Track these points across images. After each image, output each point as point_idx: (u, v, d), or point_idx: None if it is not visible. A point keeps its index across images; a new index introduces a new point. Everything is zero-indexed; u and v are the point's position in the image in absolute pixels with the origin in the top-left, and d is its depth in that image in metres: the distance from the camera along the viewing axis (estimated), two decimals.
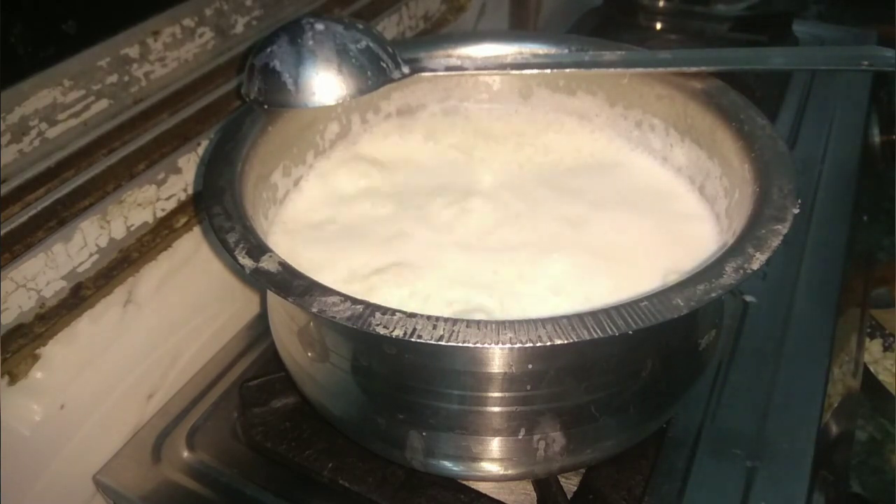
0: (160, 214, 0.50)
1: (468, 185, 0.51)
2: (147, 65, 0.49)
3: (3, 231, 0.41)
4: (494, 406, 0.37)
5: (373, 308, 0.32)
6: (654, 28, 1.00)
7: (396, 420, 0.39)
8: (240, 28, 0.56)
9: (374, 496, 0.45)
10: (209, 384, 0.53)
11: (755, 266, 0.33)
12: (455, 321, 0.31)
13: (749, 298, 0.57)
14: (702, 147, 0.48)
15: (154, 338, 0.51)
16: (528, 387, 0.36)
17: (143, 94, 0.50)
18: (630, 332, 0.31)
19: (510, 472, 0.40)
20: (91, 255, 0.46)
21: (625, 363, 0.38)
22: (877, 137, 0.87)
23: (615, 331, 0.31)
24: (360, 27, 0.45)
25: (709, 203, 0.47)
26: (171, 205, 0.51)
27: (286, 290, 0.33)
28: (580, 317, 0.31)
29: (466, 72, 0.51)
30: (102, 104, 0.47)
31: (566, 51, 0.51)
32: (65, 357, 0.44)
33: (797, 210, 0.36)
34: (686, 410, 0.49)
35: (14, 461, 0.43)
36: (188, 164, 0.51)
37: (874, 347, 0.93)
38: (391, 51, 0.46)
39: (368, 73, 0.44)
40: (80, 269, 0.45)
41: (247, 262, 0.35)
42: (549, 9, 0.96)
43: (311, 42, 0.43)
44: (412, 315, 0.32)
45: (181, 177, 0.51)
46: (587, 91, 0.54)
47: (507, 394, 0.36)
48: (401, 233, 0.47)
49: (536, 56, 0.51)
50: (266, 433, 0.49)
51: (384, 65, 0.45)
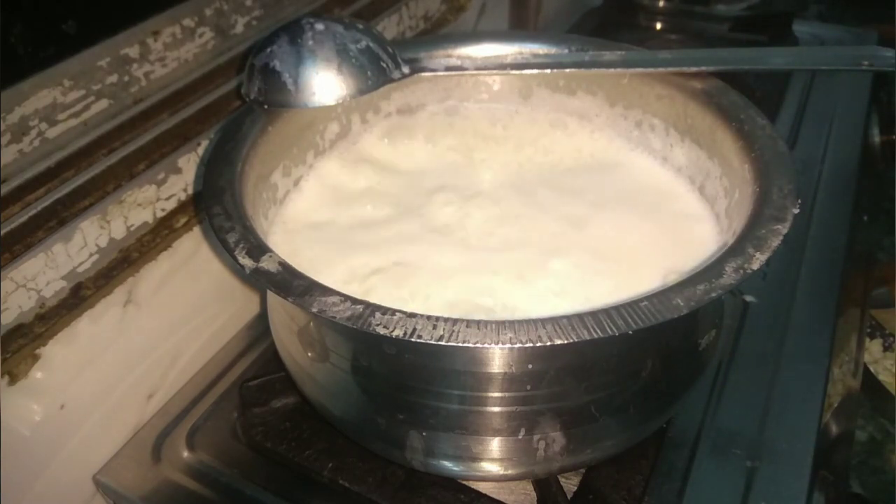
0: (160, 214, 0.50)
1: (468, 186, 0.51)
2: (147, 65, 0.49)
3: (3, 231, 0.41)
4: (494, 406, 0.37)
5: (373, 308, 0.32)
6: (654, 28, 1.00)
7: (396, 420, 0.39)
8: (240, 28, 0.56)
9: (374, 496, 0.45)
10: (209, 384, 0.53)
11: (755, 266, 0.33)
12: (455, 321, 0.31)
13: (749, 298, 0.57)
14: (702, 147, 0.48)
15: (154, 338, 0.51)
16: (528, 387, 0.36)
17: (143, 94, 0.50)
18: (630, 332, 0.31)
19: (510, 472, 0.40)
20: (91, 255, 0.46)
21: (625, 363, 0.38)
22: (877, 137, 0.87)
23: (615, 331, 0.31)
24: (360, 27, 0.45)
25: (709, 203, 0.47)
26: (171, 205, 0.51)
27: (286, 290, 0.33)
28: (580, 317, 0.31)
29: (466, 72, 0.50)
30: (102, 104, 0.47)
31: (566, 51, 0.51)
32: (65, 357, 0.44)
33: (797, 210, 0.36)
34: (686, 410, 0.49)
35: (14, 461, 0.43)
36: (188, 164, 0.51)
37: (874, 347, 0.92)
38: (391, 51, 0.46)
39: (368, 73, 0.44)
40: (80, 269, 0.45)
41: (247, 262, 0.35)
42: (549, 9, 0.96)
43: (311, 42, 0.43)
44: (412, 315, 0.32)
45: (181, 177, 0.51)
46: (587, 91, 0.54)
47: (507, 394, 0.36)
48: (401, 233, 0.47)
49: (536, 56, 0.51)
50: (266, 433, 0.49)
51: (384, 65, 0.45)
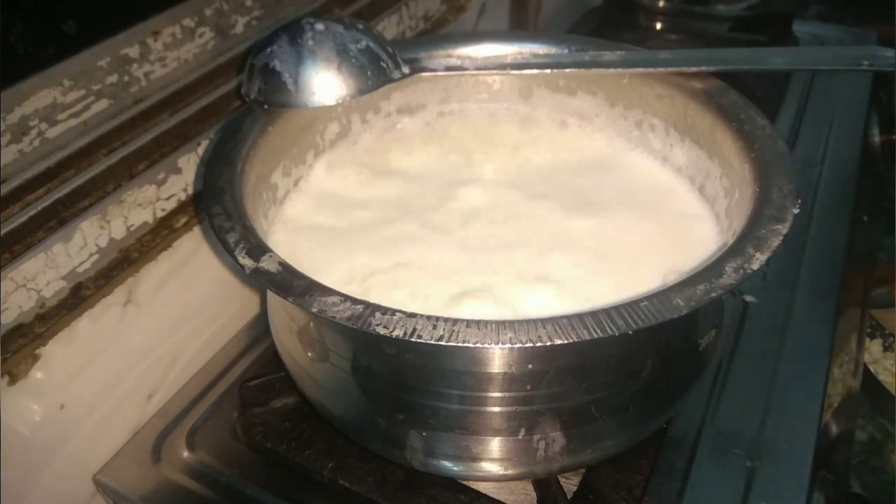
0: (160, 214, 0.50)
1: (468, 186, 0.51)
2: (147, 65, 0.49)
3: (3, 231, 0.41)
4: (494, 406, 0.37)
5: (373, 308, 0.32)
6: (654, 28, 1.00)
7: (396, 420, 0.39)
8: (240, 28, 0.56)
9: (374, 496, 0.45)
10: (209, 384, 0.53)
11: (755, 266, 0.33)
12: (455, 321, 0.31)
13: (749, 298, 0.57)
14: (702, 147, 0.48)
15: (154, 338, 0.51)
16: (528, 387, 0.36)
17: (143, 94, 0.50)
18: (630, 332, 0.31)
19: (510, 472, 0.40)
20: (91, 255, 0.46)
21: (625, 363, 0.38)
22: (877, 137, 0.87)
23: (615, 331, 0.31)
24: (360, 27, 0.45)
25: (709, 203, 0.47)
26: (171, 205, 0.51)
27: (286, 290, 0.33)
28: (580, 317, 0.31)
29: (466, 72, 0.50)
30: (102, 104, 0.47)
31: (566, 51, 0.51)
32: (65, 357, 0.44)
33: (797, 210, 0.36)
34: (686, 410, 0.49)
35: (14, 461, 0.43)
36: (188, 164, 0.51)
37: (874, 347, 0.92)
38: (391, 51, 0.46)
39: (368, 73, 0.44)
40: (80, 269, 0.45)
41: (247, 262, 0.35)
42: (549, 9, 0.96)
43: (311, 42, 0.43)
44: (412, 315, 0.32)
45: (181, 177, 0.51)
46: (587, 91, 0.54)
47: (507, 394, 0.36)
48: (401, 233, 0.47)
49: (536, 56, 0.51)
50: (266, 433, 0.49)
51: (384, 65, 0.45)
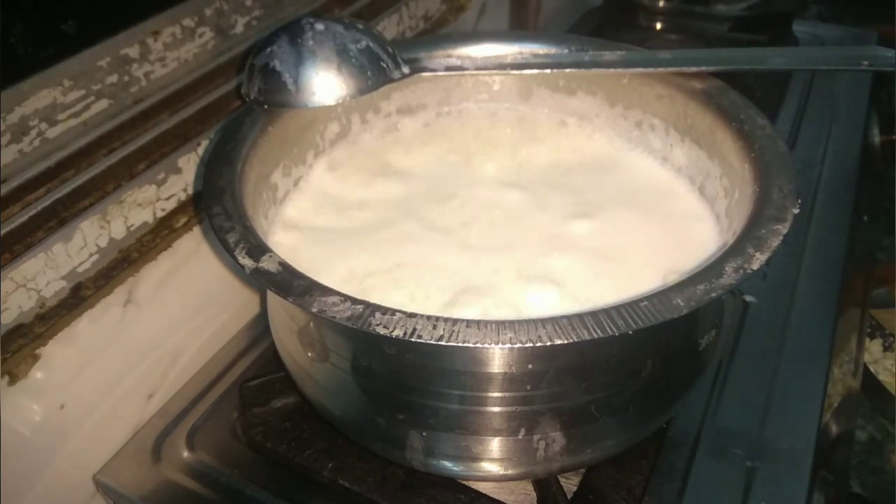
0: (160, 214, 0.50)
1: (468, 186, 0.51)
2: (147, 65, 0.49)
3: (3, 231, 0.41)
4: (494, 406, 0.37)
5: (373, 308, 0.32)
6: (654, 28, 1.00)
7: (396, 420, 0.39)
8: (240, 28, 0.56)
9: (374, 496, 0.45)
10: (209, 384, 0.53)
11: (755, 266, 0.33)
12: (455, 321, 0.31)
13: (749, 298, 0.57)
14: (702, 147, 0.48)
15: (154, 338, 0.51)
16: (528, 387, 0.36)
17: (143, 94, 0.50)
18: (630, 332, 0.31)
19: (510, 472, 0.40)
20: (91, 255, 0.46)
21: (625, 363, 0.38)
22: (877, 137, 0.87)
23: (615, 331, 0.31)
24: (360, 27, 0.45)
25: (709, 203, 0.47)
26: (171, 205, 0.51)
27: (286, 290, 0.33)
28: (580, 317, 0.31)
29: (466, 72, 0.50)
30: (102, 104, 0.47)
31: (566, 51, 0.51)
32: (65, 357, 0.44)
33: (797, 210, 0.36)
34: (686, 410, 0.49)
35: (14, 461, 0.43)
36: (188, 164, 0.51)
37: (874, 347, 0.92)
38: (391, 51, 0.46)
39: (368, 73, 0.44)
40: (80, 269, 0.45)
41: (247, 262, 0.35)
42: (549, 9, 0.96)
43: (311, 42, 0.43)
44: (412, 315, 0.32)
45: (181, 177, 0.51)
46: (587, 91, 0.54)
47: (507, 394, 0.36)
48: (400, 233, 0.47)
49: (536, 56, 0.51)
50: (266, 433, 0.49)
51: (384, 65, 0.45)
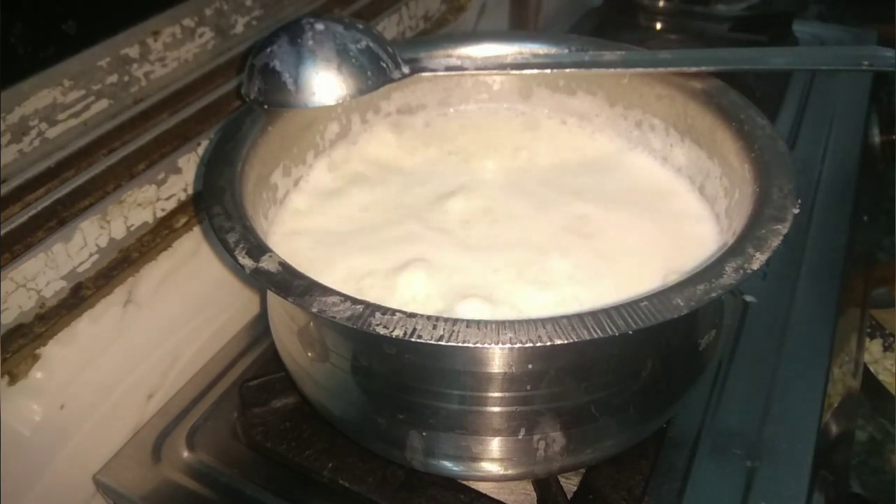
0: (160, 214, 0.50)
1: (468, 186, 0.51)
2: (147, 65, 0.49)
3: (3, 231, 0.41)
4: (494, 406, 0.37)
5: (373, 308, 0.32)
6: (654, 28, 1.00)
7: (396, 420, 0.39)
8: (240, 28, 0.56)
9: (374, 496, 0.45)
10: (209, 384, 0.53)
11: (755, 266, 0.33)
12: (455, 321, 0.31)
13: (749, 298, 0.57)
14: (702, 147, 0.48)
15: (154, 338, 0.51)
16: (528, 387, 0.36)
17: (143, 94, 0.50)
18: (630, 332, 0.31)
19: (510, 472, 0.40)
20: (91, 255, 0.46)
21: (625, 363, 0.38)
22: (877, 137, 0.87)
23: (615, 331, 0.31)
24: (360, 27, 0.45)
25: (709, 203, 0.47)
26: (171, 205, 0.51)
27: (286, 290, 0.33)
28: (580, 317, 0.31)
29: (466, 72, 0.50)
30: (102, 104, 0.47)
31: (566, 51, 0.51)
32: (65, 357, 0.44)
33: (797, 210, 0.36)
34: (686, 410, 0.49)
35: (14, 461, 0.43)
36: (188, 164, 0.51)
37: (874, 347, 0.92)
38: (391, 51, 0.46)
39: (368, 73, 0.44)
40: (80, 269, 0.45)
41: (247, 262, 0.35)
42: (549, 9, 0.96)
43: (311, 42, 0.43)
44: (412, 315, 0.32)
45: (181, 177, 0.51)
46: (587, 91, 0.54)
47: (507, 394, 0.36)
48: (400, 233, 0.47)
49: (536, 56, 0.51)
50: (266, 433, 0.49)
51: (384, 65, 0.45)
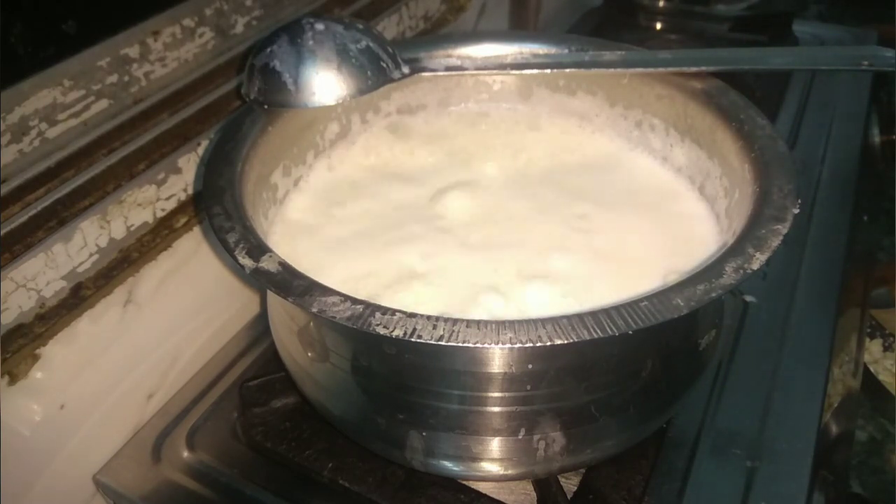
0: (160, 214, 0.50)
1: (468, 186, 0.51)
2: (147, 65, 0.49)
3: (3, 231, 0.41)
4: (494, 406, 0.37)
5: (373, 308, 0.32)
6: (654, 28, 1.00)
7: (396, 420, 0.39)
8: (240, 28, 0.56)
9: (374, 496, 0.45)
10: (209, 384, 0.53)
11: (755, 266, 0.33)
12: (455, 321, 0.31)
13: (749, 298, 0.57)
14: (702, 147, 0.48)
15: (154, 338, 0.51)
16: (528, 387, 0.36)
17: (143, 94, 0.50)
18: (630, 332, 0.31)
19: (510, 472, 0.40)
20: (91, 255, 0.46)
21: (625, 363, 0.38)
22: (877, 137, 0.87)
23: (615, 331, 0.31)
24: (360, 27, 0.45)
25: (709, 203, 0.47)
26: (171, 205, 0.51)
27: (286, 290, 0.33)
28: (580, 317, 0.31)
29: (466, 72, 0.50)
30: (102, 104, 0.47)
31: (566, 51, 0.51)
32: (65, 357, 0.44)
33: (797, 210, 0.36)
34: (686, 410, 0.49)
35: (14, 461, 0.43)
36: (188, 164, 0.51)
37: (874, 347, 0.93)
38: (391, 51, 0.46)
39: (368, 73, 0.44)
40: (80, 269, 0.45)
41: (247, 262, 0.35)
42: (549, 9, 0.96)
43: (311, 42, 0.43)
44: (412, 315, 0.32)
45: (181, 177, 0.51)
46: (587, 91, 0.54)
47: (507, 394, 0.36)
48: (401, 233, 0.47)
49: (536, 56, 0.51)
50: (266, 433, 0.49)
51: (384, 65, 0.45)
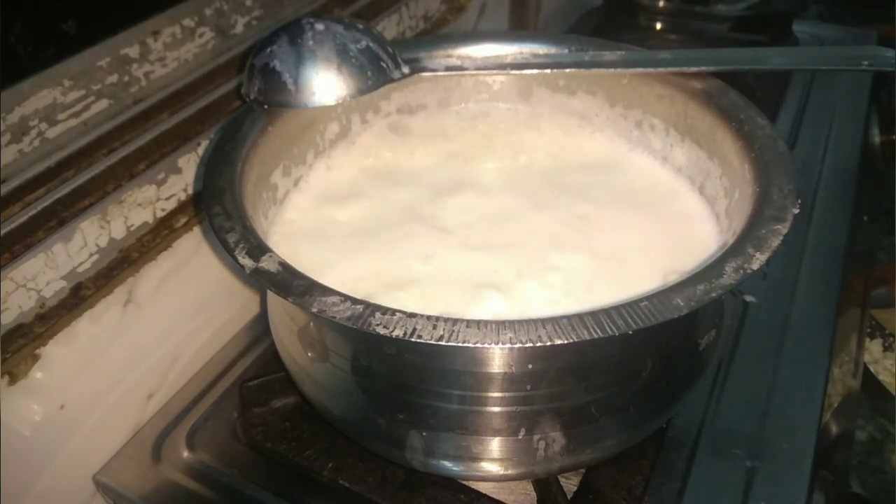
0: (160, 214, 0.50)
1: (468, 186, 0.51)
2: (147, 65, 0.49)
3: (3, 231, 0.41)
4: (494, 406, 0.37)
5: (373, 308, 0.32)
6: (654, 28, 1.00)
7: (396, 420, 0.39)
8: (240, 28, 0.56)
9: (374, 496, 0.45)
10: (209, 384, 0.53)
11: (755, 266, 0.33)
12: (455, 321, 0.31)
13: (749, 298, 0.57)
14: (702, 147, 0.48)
15: (154, 338, 0.51)
16: (528, 387, 0.36)
17: (143, 94, 0.50)
18: (630, 332, 0.31)
19: (510, 472, 0.40)
20: (91, 255, 0.46)
21: (625, 363, 0.38)
22: (877, 137, 0.87)
23: (615, 331, 0.31)
24: (360, 27, 0.45)
25: (709, 203, 0.47)
26: (171, 205, 0.51)
27: (286, 290, 0.33)
28: (580, 317, 0.31)
29: (466, 72, 0.50)
30: (102, 104, 0.47)
31: (566, 51, 0.51)
32: (65, 357, 0.44)
33: (797, 210, 0.36)
34: (686, 410, 0.49)
35: (14, 461, 0.43)
36: (188, 164, 0.51)
37: (874, 347, 0.93)
38: (391, 51, 0.46)
39: (368, 73, 0.44)
40: (80, 269, 0.45)
41: (247, 262, 0.35)
42: (549, 9, 0.96)
43: (311, 42, 0.43)
44: (412, 315, 0.32)
45: (181, 177, 0.51)
46: (587, 91, 0.54)
47: (507, 394, 0.36)
48: (401, 233, 0.47)
49: (536, 56, 0.51)
50: (266, 433, 0.49)
51: (384, 65, 0.45)
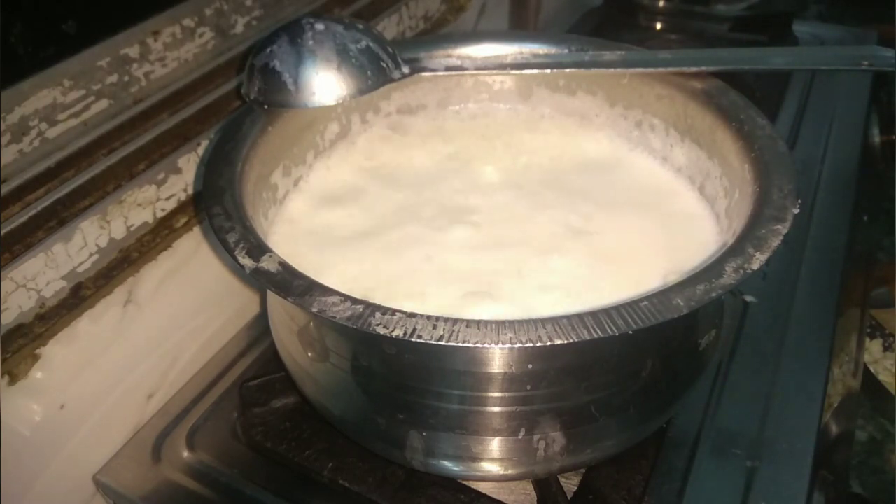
0: (160, 214, 0.50)
1: (468, 186, 0.51)
2: (147, 65, 0.49)
3: (3, 231, 0.41)
4: (494, 406, 0.37)
5: (373, 308, 0.32)
6: (654, 28, 1.00)
7: (396, 420, 0.39)
8: (240, 28, 0.56)
9: (374, 496, 0.45)
10: (209, 384, 0.53)
11: (755, 266, 0.33)
12: (455, 321, 0.31)
13: (749, 298, 0.57)
14: (702, 147, 0.48)
15: (154, 338, 0.51)
16: (528, 387, 0.36)
17: (143, 94, 0.50)
18: (630, 332, 0.31)
19: (510, 472, 0.40)
20: (91, 255, 0.46)
21: (625, 363, 0.38)
22: (877, 137, 0.87)
23: (615, 331, 0.31)
24: (360, 27, 0.45)
25: (709, 203, 0.47)
26: (171, 205, 0.51)
27: (286, 290, 0.33)
28: (580, 317, 0.31)
29: (466, 72, 0.50)
30: (102, 104, 0.47)
31: (566, 51, 0.51)
32: (65, 357, 0.44)
33: (797, 210, 0.36)
34: (686, 410, 0.49)
35: (14, 461, 0.43)
36: (188, 164, 0.51)
37: (874, 347, 0.93)
38: (391, 51, 0.46)
39: (368, 73, 0.44)
40: (80, 269, 0.45)
41: (247, 262, 0.35)
42: (549, 9, 0.96)
43: (311, 42, 0.43)
44: (412, 315, 0.32)
45: (181, 177, 0.51)
46: (587, 91, 0.54)
47: (507, 394, 0.36)
48: (401, 234, 0.47)
49: (536, 56, 0.51)
50: (266, 433, 0.49)
51: (384, 65, 0.45)
